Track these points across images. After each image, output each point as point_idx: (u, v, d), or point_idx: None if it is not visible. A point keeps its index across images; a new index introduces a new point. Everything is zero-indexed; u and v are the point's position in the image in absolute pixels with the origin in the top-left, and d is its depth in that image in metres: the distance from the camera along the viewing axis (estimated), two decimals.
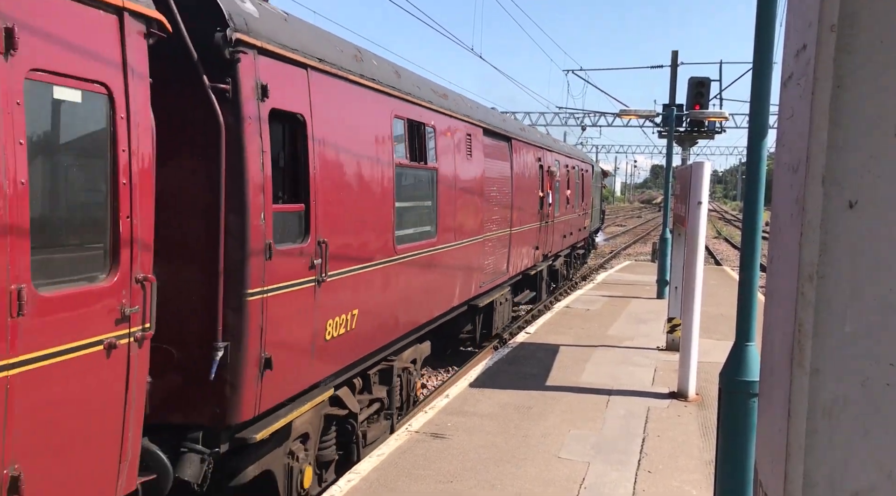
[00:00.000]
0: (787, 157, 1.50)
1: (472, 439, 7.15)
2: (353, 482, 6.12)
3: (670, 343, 11.09)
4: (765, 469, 1.59)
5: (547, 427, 7.54)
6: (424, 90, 8.96)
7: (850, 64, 1.28)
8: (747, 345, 4.81)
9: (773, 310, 1.60)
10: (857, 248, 1.31)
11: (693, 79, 17.97)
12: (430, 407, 8.29)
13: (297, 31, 5.98)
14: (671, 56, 19.76)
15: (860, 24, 1.27)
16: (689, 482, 6.25)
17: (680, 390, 8.77)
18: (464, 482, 6.13)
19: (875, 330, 1.32)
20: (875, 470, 1.34)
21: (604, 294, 17.25)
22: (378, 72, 7.42)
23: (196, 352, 4.92)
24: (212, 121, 4.84)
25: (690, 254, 8.70)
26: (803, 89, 1.38)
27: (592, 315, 14.31)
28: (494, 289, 12.57)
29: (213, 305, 4.91)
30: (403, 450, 6.84)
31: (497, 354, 10.89)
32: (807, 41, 1.36)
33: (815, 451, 1.36)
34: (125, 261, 3.98)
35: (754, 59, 4.65)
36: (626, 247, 39.03)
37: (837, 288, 1.32)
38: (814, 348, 1.34)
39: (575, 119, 50.70)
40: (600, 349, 11.22)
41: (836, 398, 1.34)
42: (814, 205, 1.32)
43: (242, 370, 5.04)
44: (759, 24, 4.61)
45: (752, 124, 4.70)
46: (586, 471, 6.41)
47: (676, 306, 10.54)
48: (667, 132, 18.04)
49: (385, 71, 7.71)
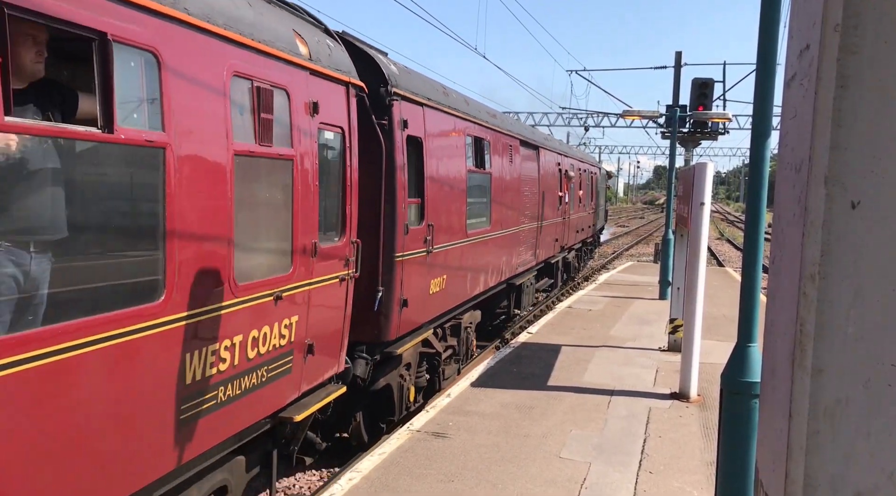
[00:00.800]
0: (790, 158, 1.50)
1: (474, 439, 7.15)
2: (355, 481, 6.12)
3: (672, 344, 11.08)
4: (766, 469, 1.59)
5: (548, 427, 7.54)
6: (482, 113, 11.42)
7: (853, 64, 1.28)
8: (749, 346, 4.81)
9: (774, 311, 1.60)
10: (859, 249, 1.31)
11: (696, 80, 17.95)
12: (431, 406, 8.29)
13: (416, 79, 8.63)
14: (675, 57, 19.75)
15: (864, 24, 1.27)
16: (691, 483, 6.24)
17: (681, 391, 8.77)
18: (465, 481, 6.13)
19: (877, 330, 1.31)
20: (877, 471, 1.34)
21: (606, 294, 17.24)
22: (456, 102, 9.98)
23: (366, 293, 7.39)
24: (377, 144, 7.40)
25: (693, 256, 8.70)
26: (806, 89, 1.38)
27: (594, 315, 14.30)
28: (525, 272, 15.04)
29: (376, 263, 7.51)
30: (405, 450, 6.84)
31: (499, 354, 10.89)
32: (810, 41, 1.36)
33: (817, 452, 1.36)
34: (347, 230, 6.54)
35: (758, 60, 4.64)
36: (628, 247, 39.00)
37: (840, 288, 1.32)
38: (815, 349, 1.34)
39: (578, 119, 50.67)
40: (602, 349, 11.22)
41: (837, 399, 1.34)
42: (816, 205, 1.32)
43: (391, 306, 7.71)
44: (762, 25, 4.61)
45: (756, 125, 4.70)
46: (587, 471, 6.41)
47: (678, 307, 10.54)
48: (670, 133, 18.01)
49: (460, 101, 10.29)
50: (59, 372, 3.39)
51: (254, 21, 4.98)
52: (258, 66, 4.96)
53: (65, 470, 3.51)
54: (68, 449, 3.51)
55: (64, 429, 3.48)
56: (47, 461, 3.40)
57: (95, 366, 3.61)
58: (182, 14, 4.14)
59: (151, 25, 3.90)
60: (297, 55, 5.54)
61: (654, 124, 35.98)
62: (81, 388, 3.56)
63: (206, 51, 4.41)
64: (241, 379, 4.95)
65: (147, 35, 3.86)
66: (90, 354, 3.56)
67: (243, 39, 4.78)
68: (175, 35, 4.12)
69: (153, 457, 4.12)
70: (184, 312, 4.24)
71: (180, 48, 4.17)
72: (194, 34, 4.30)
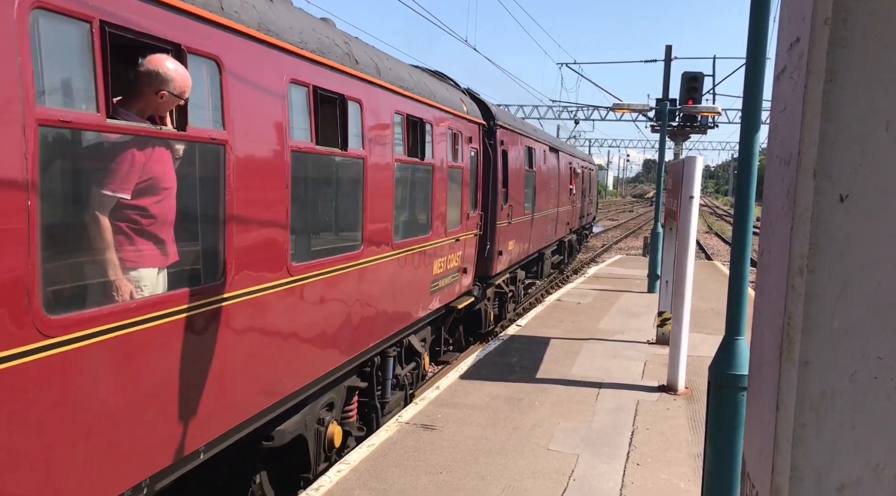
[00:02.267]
0: (779, 151, 1.50)
1: (463, 431, 7.17)
2: (343, 472, 6.12)
3: (660, 337, 11.13)
4: (752, 461, 1.60)
5: (537, 419, 7.56)
6: (527, 127, 16.78)
7: (843, 58, 1.28)
8: (737, 339, 4.83)
9: (762, 304, 1.61)
10: (847, 242, 1.31)
11: (686, 74, 18.01)
12: (420, 398, 8.30)
13: (503, 114, 13.91)
14: (665, 51, 19.79)
15: (854, 18, 1.27)
16: (678, 475, 6.29)
17: (669, 383, 8.81)
18: (453, 473, 6.15)
19: (864, 324, 1.32)
20: (861, 463, 1.35)
21: (595, 287, 17.30)
22: (515, 122, 15.12)
23: (479, 246, 12.20)
24: (489, 157, 12.35)
25: (681, 249, 8.73)
26: (796, 83, 1.38)
27: (583, 308, 14.35)
28: (549, 245, 20.23)
29: (485, 227, 12.31)
30: (393, 442, 6.85)
31: (488, 346, 10.91)
32: (800, 34, 1.36)
33: (803, 444, 1.36)
34: (478, 206, 11.64)
35: (748, 53, 4.65)
36: (617, 241, 39.12)
37: (827, 281, 1.33)
38: (803, 342, 1.35)
39: (568, 112, 50.72)
40: (591, 342, 11.26)
41: (824, 391, 1.35)
42: (805, 198, 1.32)
43: (493, 254, 12.70)
44: (752, 18, 4.61)
45: (745, 119, 4.71)
46: (576, 463, 6.44)
47: (667, 300, 10.58)
48: (659, 127, 18.06)
49: (518, 120, 16.15)
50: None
51: (449, 97, 10.07)
52: (454, 121, 9.99)
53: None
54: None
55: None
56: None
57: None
58: (435, 102, 9.07)
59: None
60: (462, 111, 10.48)
61: (644, 118, 36.06)
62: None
63: (437, 119, 9.20)
64: (445, 278, 9.98)
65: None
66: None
67: (448, 109, 9.73)
68: (428, 115, 8.78)
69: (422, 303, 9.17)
70: (441, 238, 9.71)
71: (433, 120, 9.01)
72: (442, 113, 9.42)
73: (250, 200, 4.78)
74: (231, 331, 4.64)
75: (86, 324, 3.43)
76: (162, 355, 3.99)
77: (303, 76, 5.48)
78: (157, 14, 3.90)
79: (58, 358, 3.27)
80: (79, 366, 3.40)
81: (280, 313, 5.33)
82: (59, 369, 3.29)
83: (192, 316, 4.18)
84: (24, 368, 3.10)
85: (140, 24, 3.76)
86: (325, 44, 5.93)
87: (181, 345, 4.11)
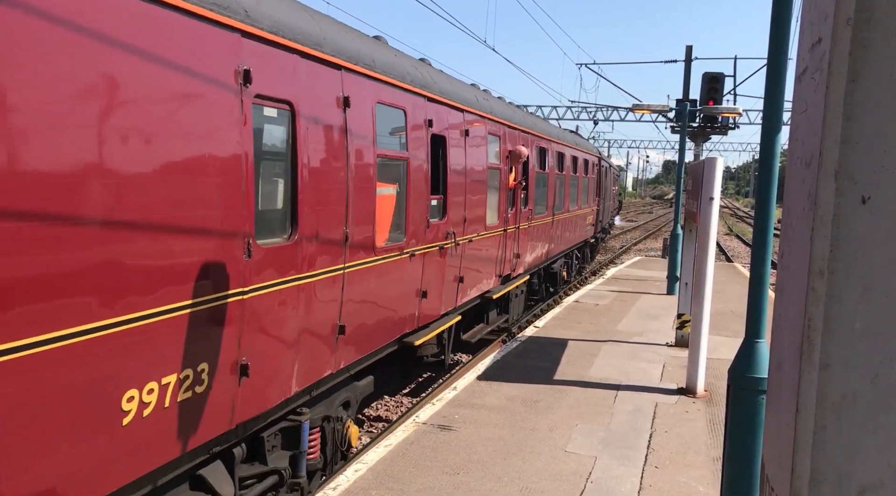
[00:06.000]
0: (801, 152, 1.49)
1: (479, 432, 7.17)
2: (360, 472, 6.15)
3: (679, 339, 11.06)
4: (772, 464, 1.59)
5: (554, 420, 7.55)
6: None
7: (865, 58, 1.27)
8: (757, 341, 4.79)
9: (783, 305, 1.60)
10: (868, 244, 1.30)
11: (707, 74, 17.86)
12: (437, 399, 8.31)
13: (580, 140, 22.59)
14: (685, 51, 19.65)
15: (876, 18, 1.26)
16: (696, 478, 6.25)
17: (688, 386, 8.76)
18: (470, 474, 6.15)
19: (885, 325, 1.31)
20: (883, 465, 1.34)
21: (613, 289, 17.22)
22: (526, 120, 14.86)
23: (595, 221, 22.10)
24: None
25: (701, 251, 8.67)
26: (818, 83, 1.37)
27: (602, 310, 14.29)
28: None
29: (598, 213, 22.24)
30: (411, 442, 6.87)
31: (505, 348, 10.90)
32: (822, 34, 1.35)
33: (823, 447, 1.36)
34: (597, 197, 25.28)
35: (769, 54, 4.61)
36: (636, 242, 38.90)
37: (848, 283, 1.32)
38: (823, 343, 1.34)
39: (587, 113, 50.48)
40: (609, 344, 11.21)
41: (845, 393, 1.34)
42: (826, 199, 1.32)
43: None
44: (774, 18, 4.58)
45: (766, 119, 4.67)
46: (593, 465, 6.42)
47: (686, 302, 10.51)
48: (680, 127, 17.94)
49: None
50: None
51: (587, 146, 20.97)
52: (597, 160, 22.65)
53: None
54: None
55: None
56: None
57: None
58: (574, 147, 18.24)
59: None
60: (597, 155, 22.94)
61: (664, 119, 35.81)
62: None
63: (573, 156, 18.39)
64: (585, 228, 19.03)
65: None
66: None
67: (587, 154, 20.40)
68: (566, 154, 17.74)
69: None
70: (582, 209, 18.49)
71: (568, 162, 18.11)
72: (579, 153, 19.73)
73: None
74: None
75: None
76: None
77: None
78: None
79: (553, 222, 16.20)
80: (549, 225, 15.44)
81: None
82: (550, 224, 15.97)
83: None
84: (548, 223, 15.74)
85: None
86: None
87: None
